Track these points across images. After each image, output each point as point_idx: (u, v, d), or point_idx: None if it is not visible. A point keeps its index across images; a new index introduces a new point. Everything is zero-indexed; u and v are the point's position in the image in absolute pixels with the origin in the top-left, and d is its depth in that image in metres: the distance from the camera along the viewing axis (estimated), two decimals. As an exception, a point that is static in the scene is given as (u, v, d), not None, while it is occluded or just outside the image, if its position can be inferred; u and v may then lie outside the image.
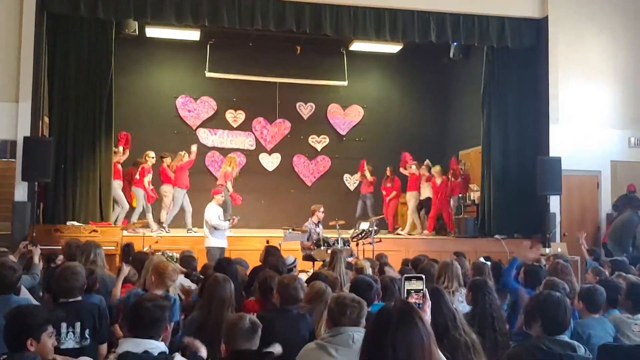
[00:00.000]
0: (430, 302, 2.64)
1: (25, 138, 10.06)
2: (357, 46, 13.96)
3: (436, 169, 13.02)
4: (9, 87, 10.38)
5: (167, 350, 3.12)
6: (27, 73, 10.31)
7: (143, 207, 11.60)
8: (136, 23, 12.26)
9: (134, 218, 11.45)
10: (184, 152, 12.00)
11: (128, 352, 2.99)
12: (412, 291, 2.64)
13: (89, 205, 10.97)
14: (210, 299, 4.37)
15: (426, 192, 13.06)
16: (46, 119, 10.84)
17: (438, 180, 12.85)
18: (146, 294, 3.17)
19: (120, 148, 11.79)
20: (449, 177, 13.02)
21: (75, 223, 10.52)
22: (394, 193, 13.55)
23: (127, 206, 11.54)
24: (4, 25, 10.44)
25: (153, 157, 11.86)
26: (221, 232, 10.01)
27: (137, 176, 11.67)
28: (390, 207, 13.63)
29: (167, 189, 11.88)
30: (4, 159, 10.68)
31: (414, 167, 13.24)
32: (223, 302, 4.32)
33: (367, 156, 14.11)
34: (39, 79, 10.35)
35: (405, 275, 2.76)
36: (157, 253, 7.61)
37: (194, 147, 12.20)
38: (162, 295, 3.30)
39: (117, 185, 11.47)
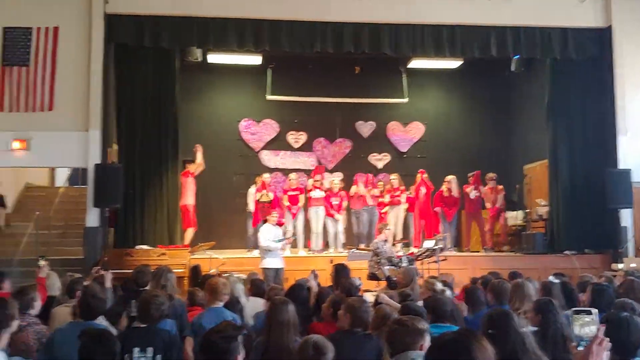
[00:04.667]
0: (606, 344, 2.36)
1: (96, 165, 10.45)
2: (416, 63, 13.92)
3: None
4: (80, 116, 10.82)
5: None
6: (96, 102, 10.73)
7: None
8: (199, 50, 12.62)
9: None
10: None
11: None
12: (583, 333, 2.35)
13: (157, 228, 11.27)
14: (269, 322, 4.39)
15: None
16: (115, 146, 11.24)
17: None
18: (217, 326, 3.21)
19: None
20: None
21: (144, 247, 10.82)
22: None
23: None
24: (74, 56, 10.92)
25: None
26: (274, 252, 10.04)
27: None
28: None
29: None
30: (76, 186, 11.14)
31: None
32: (282, 325, 4.32)
33: (428, 172, 13.93)
34: (107, 108, 10.76)
35: (574, 309, 2.52)
36: (223, 275, 7.73)
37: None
38: (232, 324, 3.32)
39: None
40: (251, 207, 12.36)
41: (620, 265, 10.31)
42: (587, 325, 2.38)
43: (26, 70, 10.96)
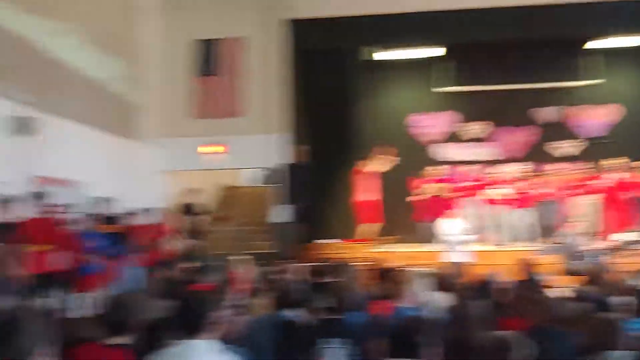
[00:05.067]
0: None
1: (289, 165, 11.07)
2: (607, 42, 12.94)
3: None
4: (270, 120, 11.55)
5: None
6: (284, 106, 11.38)
7: None
8: (373, 48, 12.81)
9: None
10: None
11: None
12: None
13: (342, 224, 11.65)
14: (456, 317, 4.36)
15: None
16: (304, 146, 11.80)
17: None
18: (405, 322, 3.27)
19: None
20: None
21: (329, 241, 11.23)
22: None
23: None
24: (261, 63, 11.65)
25: None
26: (460, 246, 9.88)
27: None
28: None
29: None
30: (271, 185, 11.87)
31: None
32: (469, 320, 4.26)
33: (624, 158, 12.87)
34: (296, 110, 11.34)
35: None
36: (407, 269, 7.78)
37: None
38: (421, 319, 3.37)
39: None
40: (427, 200, 12.28)
41: None
42: None
43: (217, 79, 11.89)
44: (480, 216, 12.24)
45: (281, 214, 11.31)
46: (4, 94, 8.03)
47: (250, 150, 11.83)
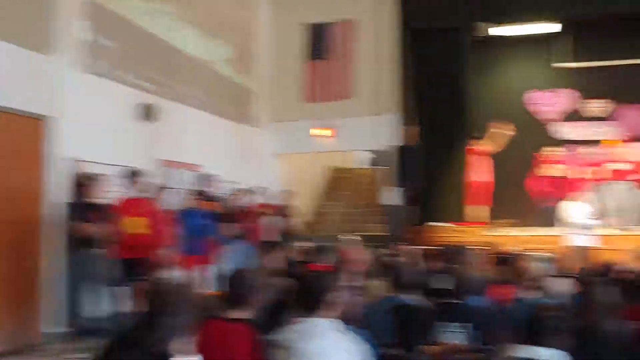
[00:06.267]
0: None
1: (398, 147, 11.00)
2: None
3: None
4: (378, 101, 11.49)
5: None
6: (392, 87, 11.27)
7: None
8: (487, 24, 12.39)
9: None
10: None
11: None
12: None
13: (454, 206, 11.45)
14: (584, 305, 4.18)
15: None
16: (414, 127, 11.67)
17: None
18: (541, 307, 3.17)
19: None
20: None
21: (442, 224, 11.07)
22: None
23: None
24: (370, 45, 11.59)
25: None
26: (583, 230, 9.44)
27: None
28: None
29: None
30: (382, 167, 11.85)
31: None
32: (597, 307, 4.07)
33: None
34: (406, 91, 11.22)
35: None
36: (525, 254, 7.52)
37: None
38: (555, 306, 3.25)
39: None
40: (547, 181, 11.80)
41: None
42: None
43: (328, 63, 11.96)
44: (604, 199, 11.60)
45: (392, 196, 11.26)
46: (131, 83, 8.48)
47: (361, 132, 11.83)
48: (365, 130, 11.89)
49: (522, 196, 13.15)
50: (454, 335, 4.12)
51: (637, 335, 3.86)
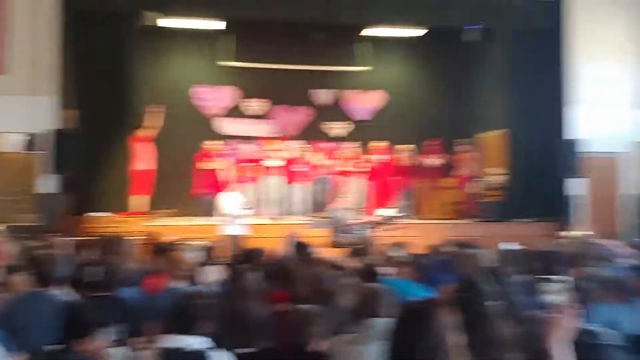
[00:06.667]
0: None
1: (55, 131, 10.28)
2: (379, 31, 13.90)
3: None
4: (35, 81, 10.59)
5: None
6: (51, 67, 10.50)
7: None
8: (156, 14, 12.35)
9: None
10: None
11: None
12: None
13: (114, 195, 11.17)
14: (230, 289, 4.43)
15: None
16: (73, 112, 11.03)
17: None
18: (183, 294, 3.24)
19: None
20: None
21: (101, 214, 10.71)
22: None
23: None
24: (28, 20, 10.64)
25: None
26: (235, 219, 10.10)
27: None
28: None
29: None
30: (32, 152, 10.92)
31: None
32: (243, 292, 4.36)
33: (386, 141, 14.01)
34: (66, 73, 10.54)
35: (537, 276, 2.50)
36: (181, 243, 7.70)
37: None
38: (198, 292, 3.37)
39: None
40: (207, 174, 12.32)
41: (567, 233, 10.61)
42: (553, 292, 2.38)
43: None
44: (258, 192, 12.55)
45: (47, 183, 10.49)
46: None
47: (13, 112, 10.76)
48: (19, 110, 10.84)
49: (183, 186, 13.40)
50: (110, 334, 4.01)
51: (278, 317, 4.20)
